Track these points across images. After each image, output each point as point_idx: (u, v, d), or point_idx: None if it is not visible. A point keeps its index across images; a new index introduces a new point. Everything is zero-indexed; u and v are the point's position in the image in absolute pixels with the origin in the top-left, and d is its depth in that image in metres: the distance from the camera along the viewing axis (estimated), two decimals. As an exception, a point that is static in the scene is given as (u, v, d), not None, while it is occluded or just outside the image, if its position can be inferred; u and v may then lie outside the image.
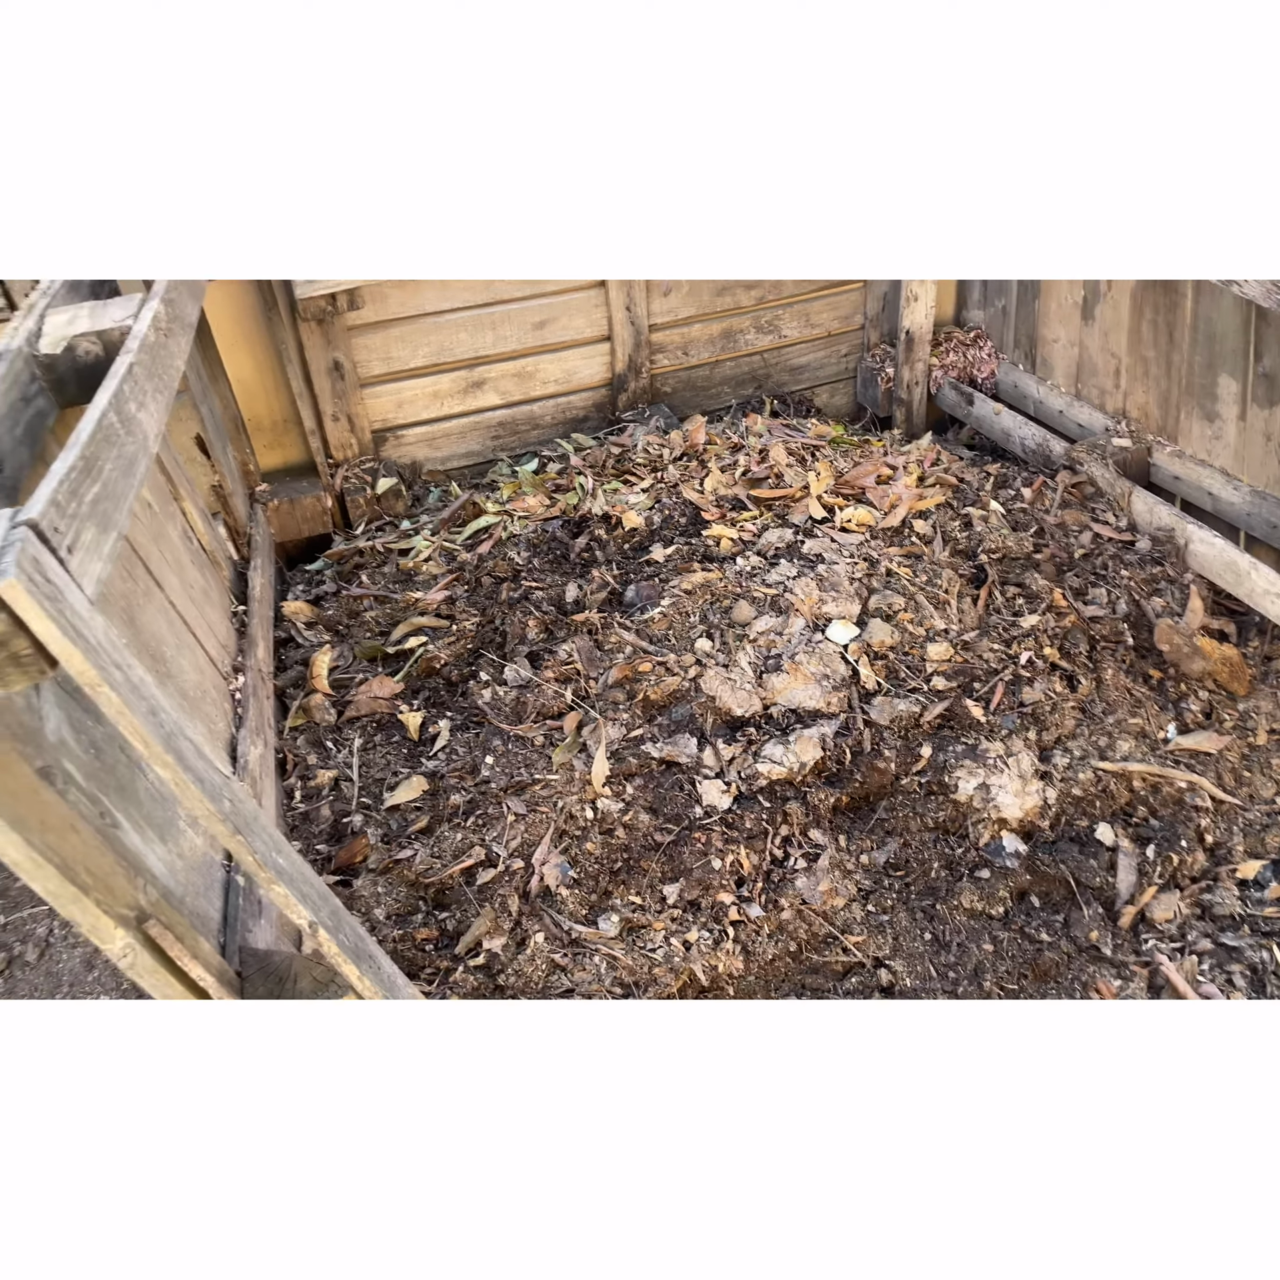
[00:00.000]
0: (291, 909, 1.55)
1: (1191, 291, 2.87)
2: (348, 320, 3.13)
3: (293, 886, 1.56)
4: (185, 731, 1.45)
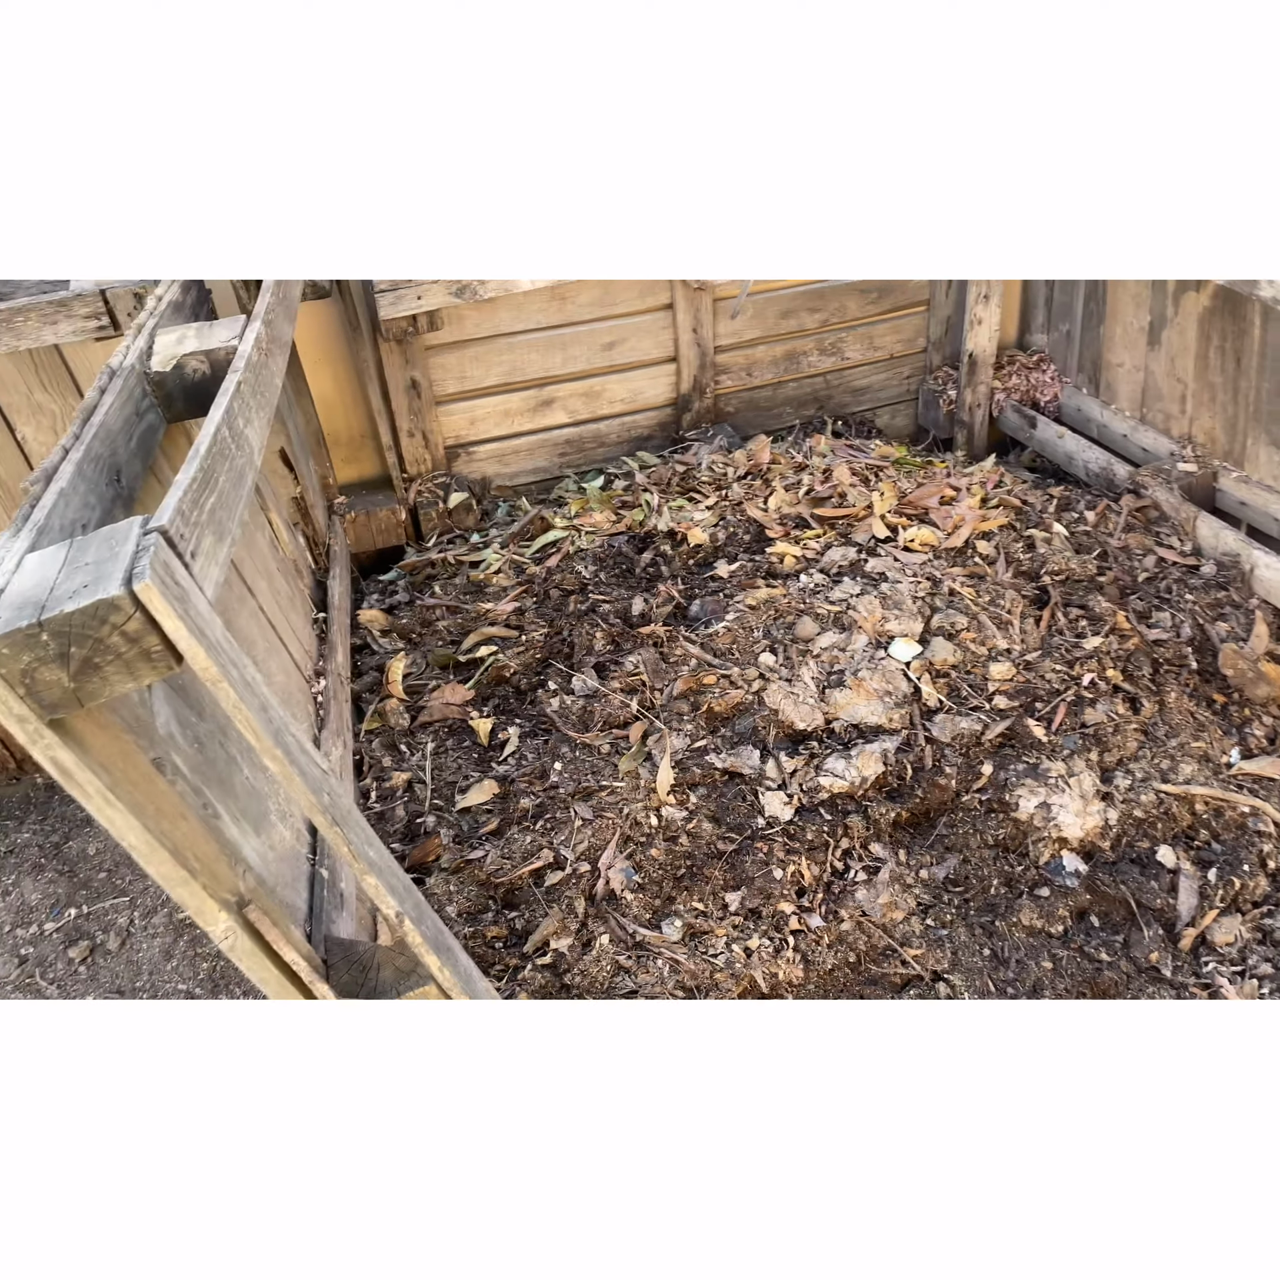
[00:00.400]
0: (381, 899, 1.64)
1: (1260, 318, 2.88)
2: (426, 340, 3.25)
3: (383, 878, 1.64)
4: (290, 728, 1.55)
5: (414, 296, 2.99)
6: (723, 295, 3.57)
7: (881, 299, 3.80)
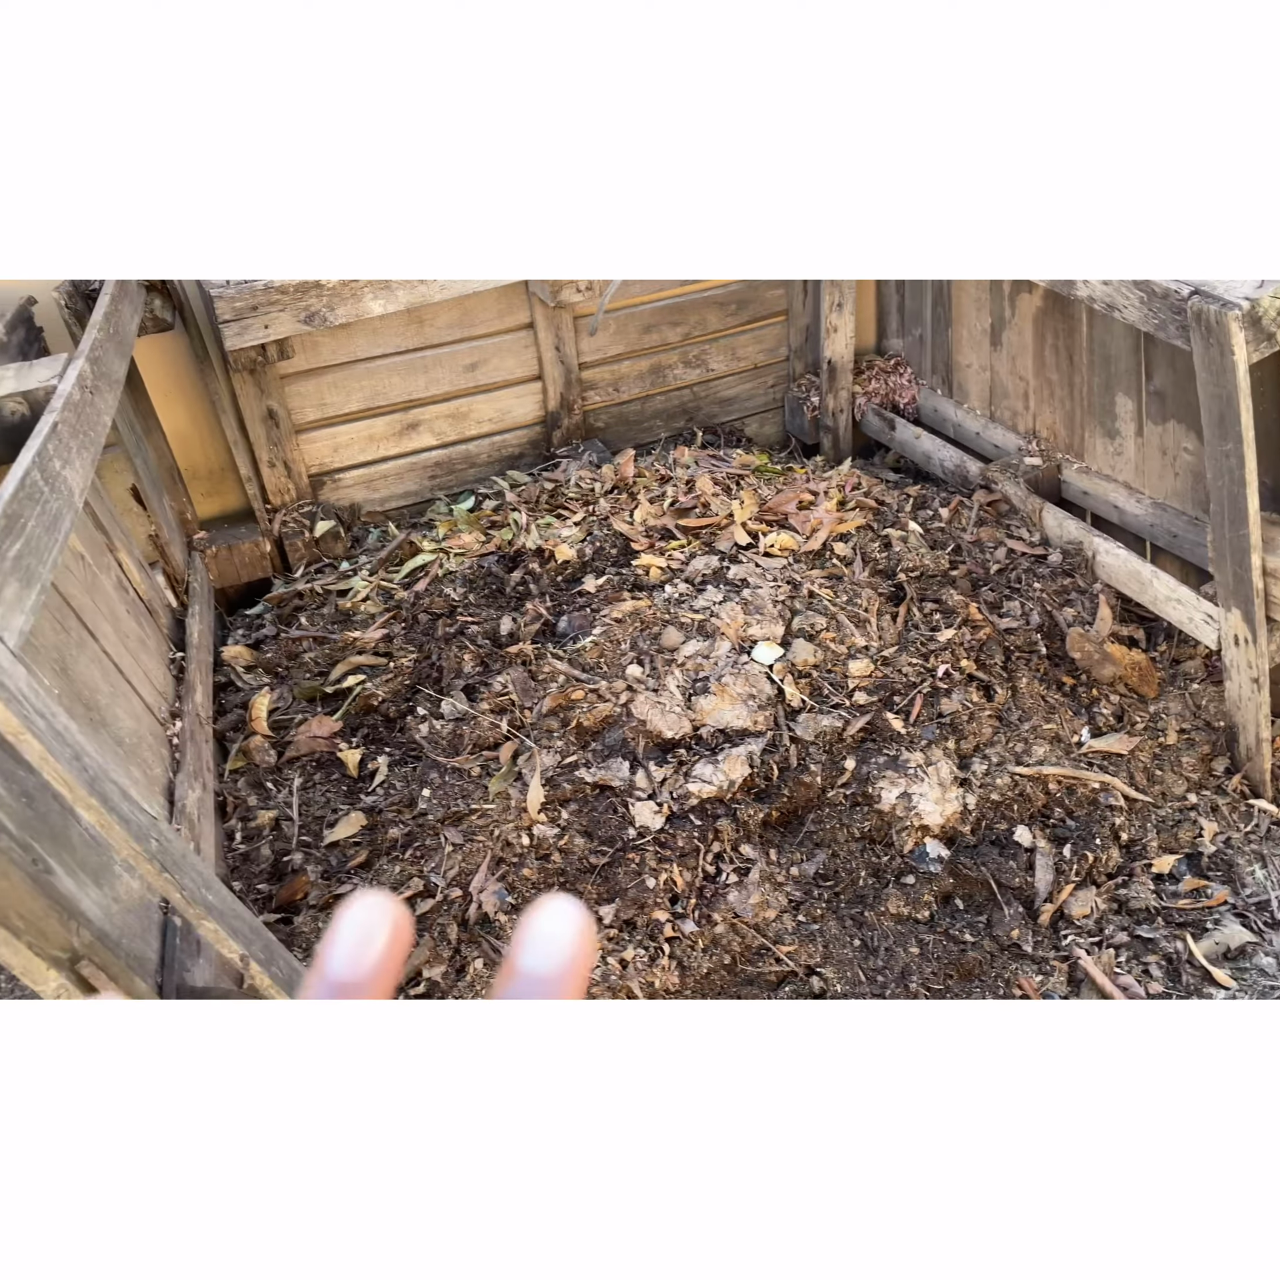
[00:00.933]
0: (222, 943, 1.60)
1: (1086, 316, 3.03)
2: (280, 369, 3.20)
3: (223, 921, 1.61)
4: (111, 775, 1.50)
5: (260, 326, 2.95)
6: (582, 313, 3.60)
7: (740, 310, 3.88)
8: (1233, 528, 2.43)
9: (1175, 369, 2.75)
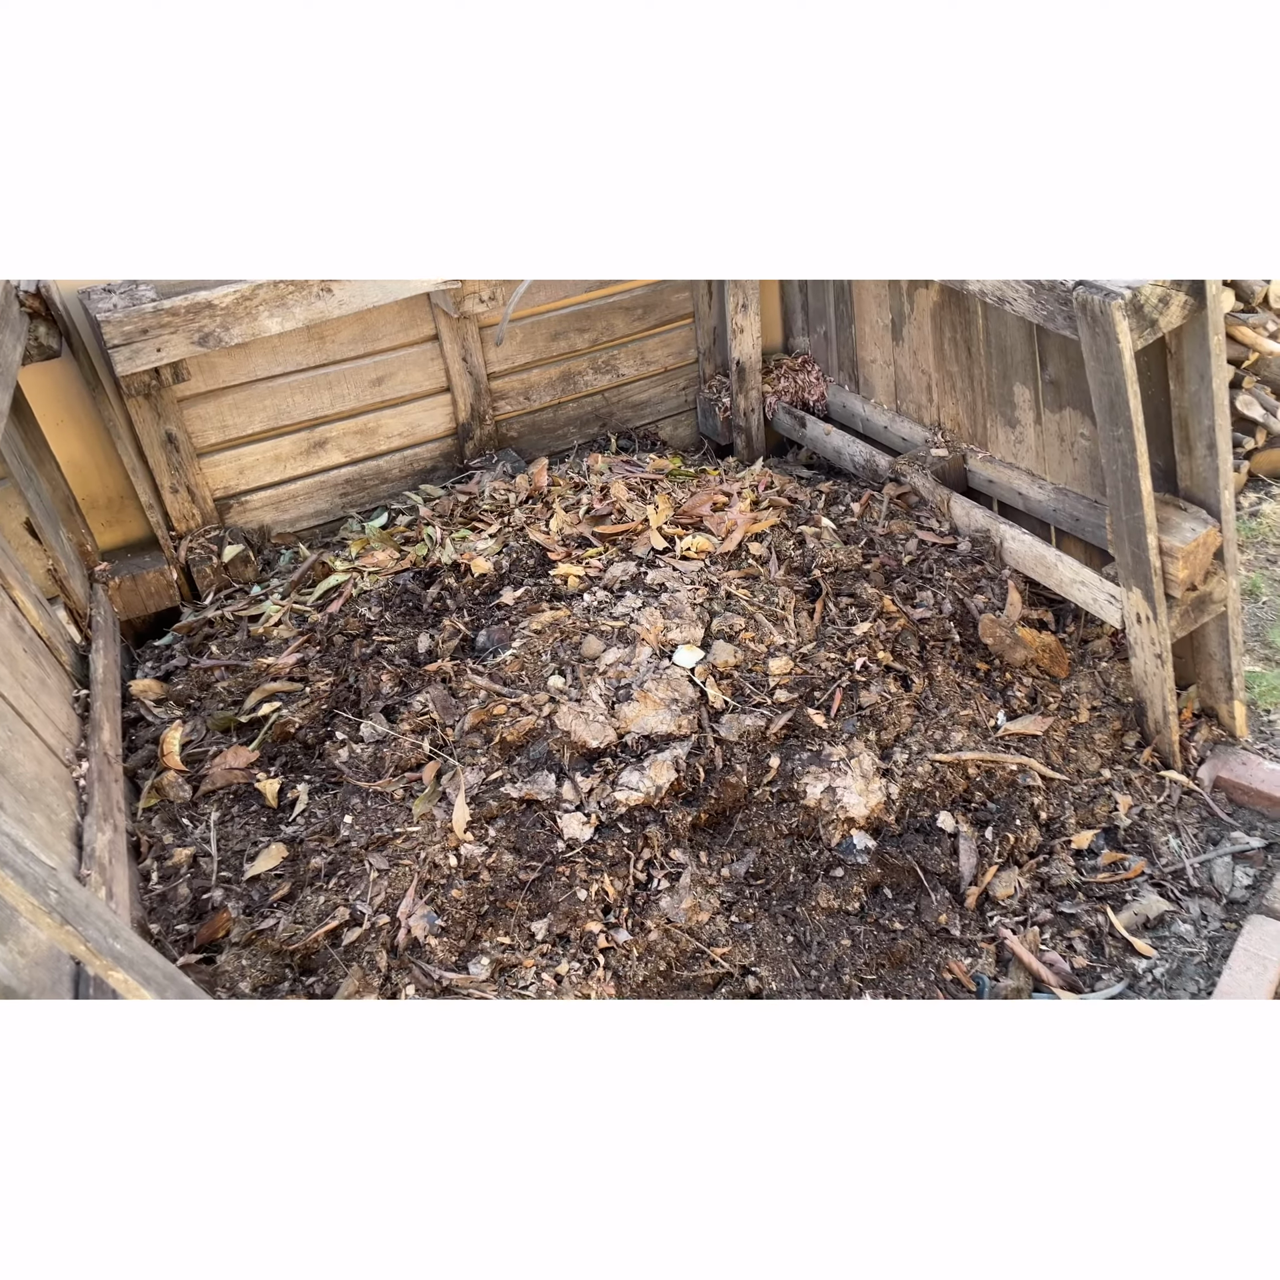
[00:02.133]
0: (133, 993, 1.55)
1: (981, 309, 3.10)
2: (177, 392, 3.12)
3: (133, 970, 1.56)
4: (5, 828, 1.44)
5: (153, 349, 2.86)
6: (487, 322, 3.57)
7: (647, 315, 3.89)
8: (1128, 510, 2.50)
9: (1068, 357, 2.82)
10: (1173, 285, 2.28)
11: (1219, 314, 2.30)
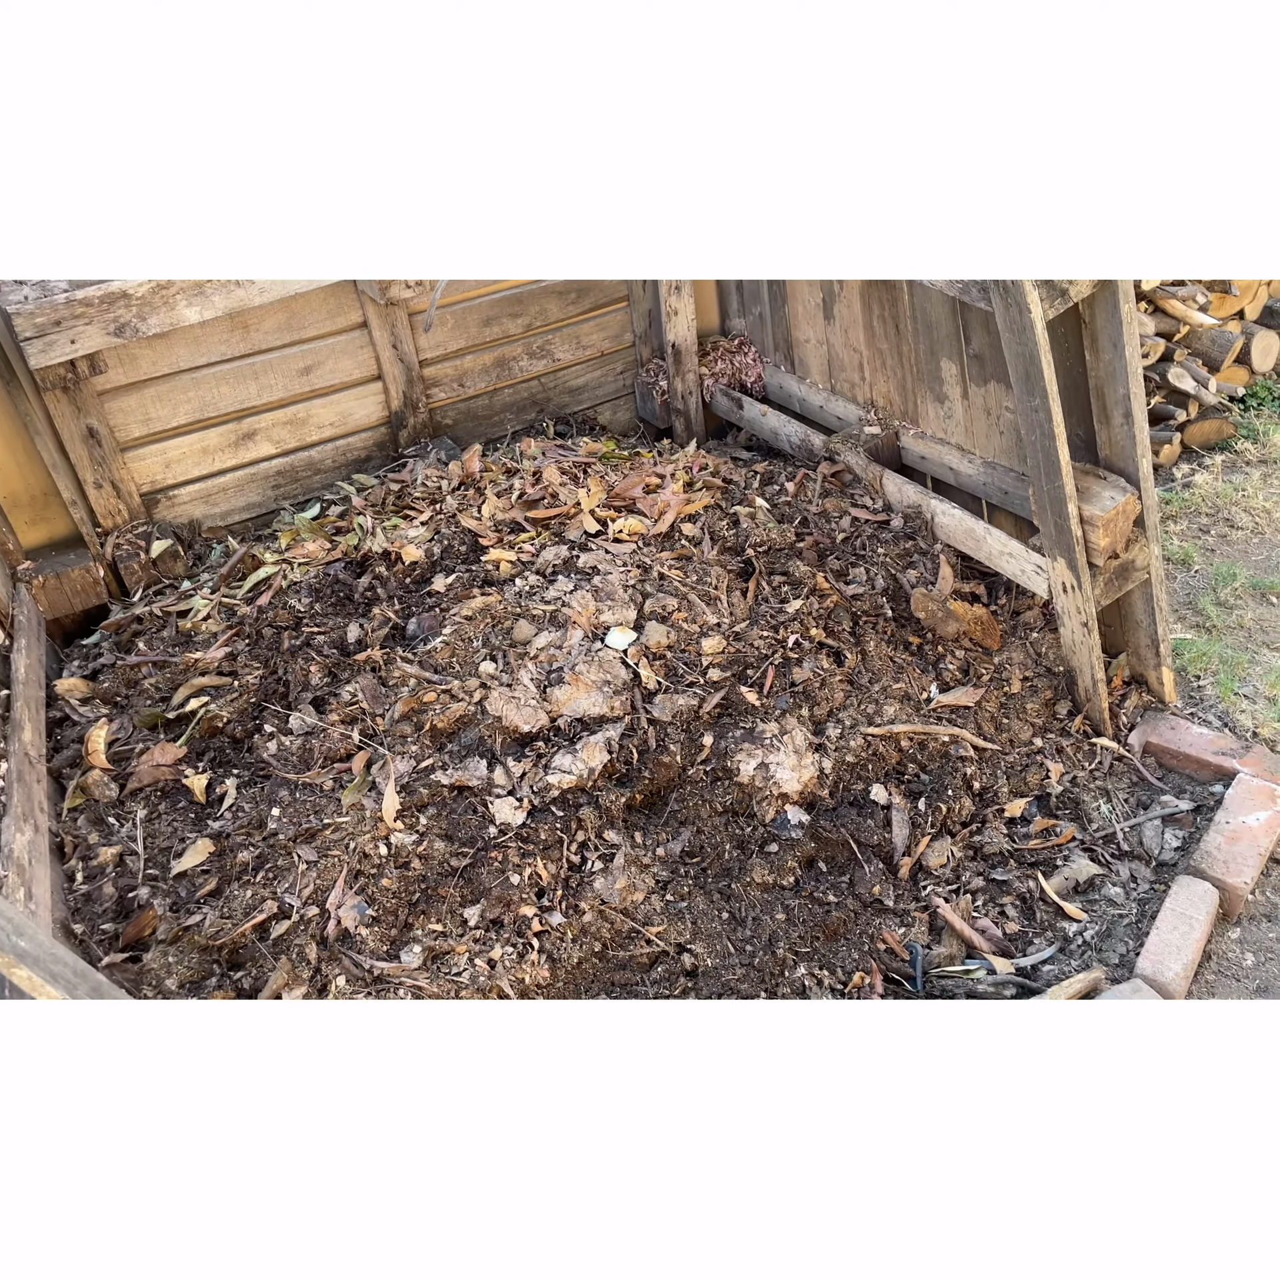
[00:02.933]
0: (39, 990, 1.52)
1: (907, 286, 3.11)
2: (96, 385, 3.05)
3: (38, 967, 1.53)
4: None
5: (67, 341, 2.80)
6: (417, 309, 3.53)
7: (581, 299, 3.87)
8: (1049, 480, 2.53)
9: (989, 331, 2.84)
10: (1083, 255, 2.29)
11: (1129, 283, 2.32)
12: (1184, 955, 2.32)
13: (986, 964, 2.32)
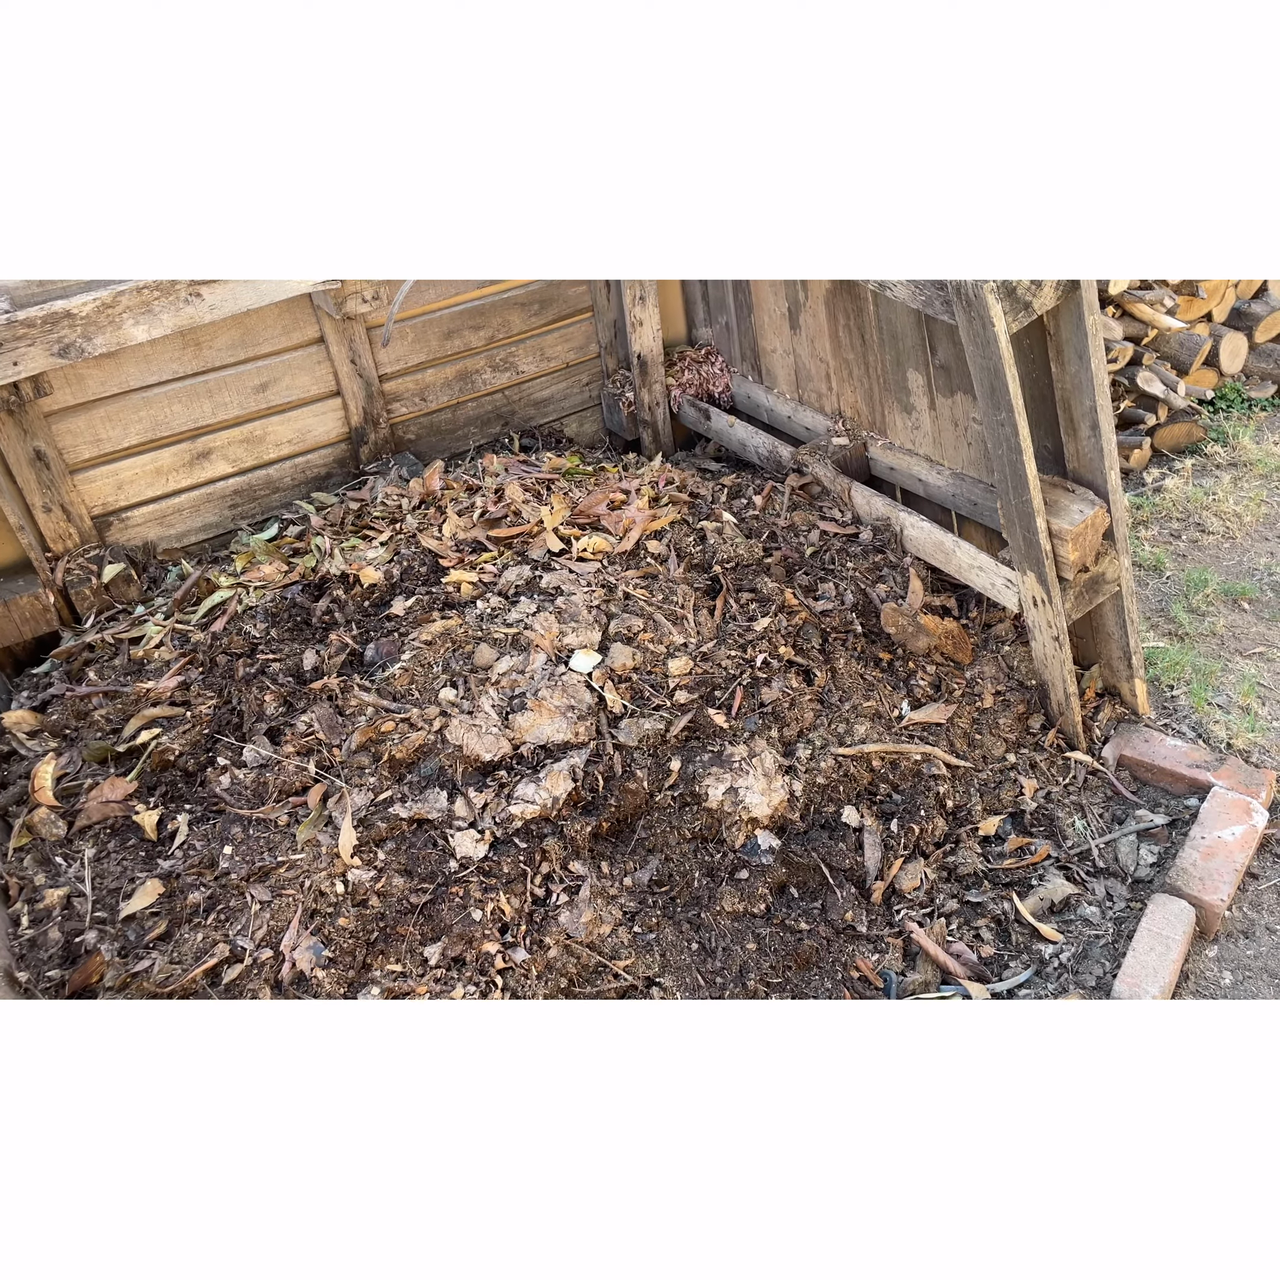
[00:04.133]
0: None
1: (871, 296, 3.07)
2: (42, 406, 2.96)
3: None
4: None
5: (9, 363, 2.71)
6: (374, 323, 3.46)
7: (544, 310, 3.81)
8: (1016, 494, 2.49)
9: (955, 342, 2.80)
10: (1047, 266, 2.25)
11: (1093, 294, 2.28)
12: (1161, 977, 2.28)
13: (962, 990, 2.27)
